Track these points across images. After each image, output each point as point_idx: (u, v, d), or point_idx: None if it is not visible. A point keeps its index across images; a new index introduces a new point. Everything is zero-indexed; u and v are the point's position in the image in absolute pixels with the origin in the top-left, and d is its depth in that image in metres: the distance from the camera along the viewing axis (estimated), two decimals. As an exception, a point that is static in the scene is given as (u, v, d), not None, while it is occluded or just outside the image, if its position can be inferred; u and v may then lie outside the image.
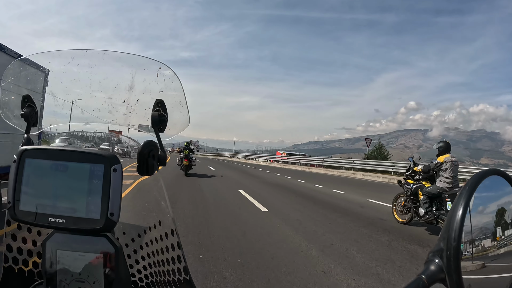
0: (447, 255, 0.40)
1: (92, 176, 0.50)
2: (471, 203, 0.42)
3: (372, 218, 5.63)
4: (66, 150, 0.51)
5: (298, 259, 3.24)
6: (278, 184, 11.28)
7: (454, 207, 0.42)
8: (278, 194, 8.30)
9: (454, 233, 0.40)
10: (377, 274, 2.98)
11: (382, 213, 6.09)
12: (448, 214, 0.42)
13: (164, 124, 0.59)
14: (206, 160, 31.38)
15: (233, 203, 6.54)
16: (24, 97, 0.63)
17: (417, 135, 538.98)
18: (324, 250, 3.61)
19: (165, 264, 0.61)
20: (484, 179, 0.44)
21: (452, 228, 0.40)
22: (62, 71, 0.65)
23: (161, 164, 0.58)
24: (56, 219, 0.49)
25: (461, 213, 0.41)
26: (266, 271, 2.83)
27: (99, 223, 0.49)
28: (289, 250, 3.55)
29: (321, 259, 3.28)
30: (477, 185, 0.43)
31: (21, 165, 0.51)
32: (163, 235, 0.62)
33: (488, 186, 0.45)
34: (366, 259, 3.37)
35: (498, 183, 0.46)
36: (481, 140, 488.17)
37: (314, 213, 5.85)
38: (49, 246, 0.52)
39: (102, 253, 0.51)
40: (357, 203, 7.35)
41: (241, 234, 4.08)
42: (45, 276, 0.52)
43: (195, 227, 4.19)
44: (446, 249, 0.40)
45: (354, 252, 3.61)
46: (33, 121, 0.63)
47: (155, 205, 0.62)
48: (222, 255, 3.16)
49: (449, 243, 0.40)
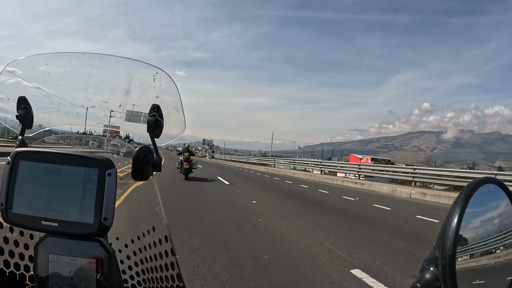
0: (442, 264, 0.40)
1: (86, 180, 0.49)
2: (466, 211, 0.42)
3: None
4: (61, 153, 0.50)
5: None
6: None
7: (449, 216, 0.42)
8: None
9: (449, 242, 0.40)
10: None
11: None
12: (443, 222, 0.42)
13: (160, 129, 0.59)
14: (226, 172, 18.37)
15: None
16: (20, 98, 0.63)
17: (430, 137, 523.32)
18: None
19: (158, 271, 0.61)
20: (479, 187, 0.44)
21: (447, 236, 0.40)
22: (58, 74, 0.65)
23: (156, 170, 0.57)
24: (49, 222, 0.49)
25: (456, 221, 0.41)
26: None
27: (92, 227, 0.49)
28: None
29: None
30: (472, 194, 0.43)
31: (14, 167, 0.50)
32: (156, 241, 0.61)
33: (483, 195, 0.45)
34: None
35: (493, 191, 0.46)
36: (496, 143, 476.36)
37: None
38: (41, 249, 0.51)
39: (95, 258, 0.50)
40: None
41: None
42: (37, 280, 0.51)
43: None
44: (441, 258, 0.40)
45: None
46: (28, 123, 0.63)
47: (149, 210, 0.61)
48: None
49: (444, 251, 0.40)
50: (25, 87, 0.69)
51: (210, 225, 4.61)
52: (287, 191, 10.55)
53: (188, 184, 9.93)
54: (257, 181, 14.48)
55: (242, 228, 4.63)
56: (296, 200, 8.30)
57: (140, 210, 0.68)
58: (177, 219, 4.74)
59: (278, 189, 11.19)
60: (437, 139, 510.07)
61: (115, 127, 0.77)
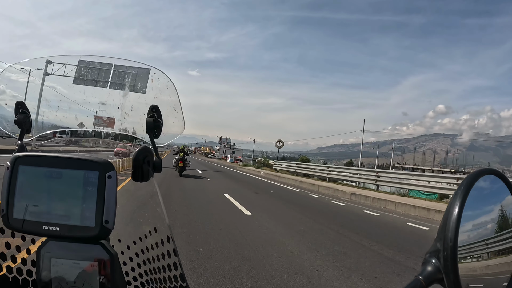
0: (444, 256, 0.40)
1: (87, 183, 0.49)
2: (466, 202, 0.42)
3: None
4: (60, 157, 0.50)
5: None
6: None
7: (450, 207, 0.41)
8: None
9: (450, 233, 0.40)
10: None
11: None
12: (444, 214, 0.42)
13: (159, 130, 0.59)
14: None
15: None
16: (18, 103, 0.63)
17: (445, 140, 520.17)
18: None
19: (161, 271, 0.61)
20: (479, 178, 0.44)
21: (448, 228, 0.40)
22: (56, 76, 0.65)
23: (156, 171, 0.57)
24: (50, 227, 0.49)
25: (456, 212, 0.41)
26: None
27: (94, 230, 0.48)
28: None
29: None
30: (472, 185, 0.43)
31: (14, 172, 0.50)
32: (159, 242, 0.61)
33: (483, 186, 0.45)
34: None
35: (493, 182, 0.46)
36: (511, 146, 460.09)
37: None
38: (44, 254, 0.51)
39: (97, 261, 0.50)
40: None
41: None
42: (40, 285, 0.51)
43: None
44: (443, 250, 0.40)
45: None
46: (27, 127, 0.63)
47: (151, 211, 0.61)
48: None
49: (446, 243, 0.40)
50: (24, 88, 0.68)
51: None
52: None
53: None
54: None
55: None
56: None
57: (142, 212, 0.68)
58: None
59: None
60: (451, 142, 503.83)
61: (110, 118, 0.74)
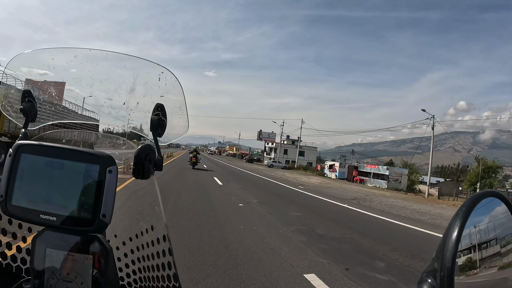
0: (441, 276, 0.40)
1: (87, 176, 0.49)
2: (467, 224, 0.42)
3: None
4: (63, 148, 0.50)
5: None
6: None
7: (450, 228, 0.41)
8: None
9: (448, 254, 0.40)
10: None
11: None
12: (443, 234, 0.42)
13: (163, 128, 0.59)
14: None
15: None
16: (24, 91, 0.63)
17: (466, 138, 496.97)
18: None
19: (155, 270, 0.60)
20: (481, 200, 0.44)
21: (447, 248, 0.40)
22: (64, 69, 0.65)
23: (157, 169, 0.57)
24: (47, 216, 0.49)
25: (456, 233, 0.41)
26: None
27: (91, 223, 0.48)
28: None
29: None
30: (473, 206, 0.43)
31: (16, 160, 0.50)
32: (154, 240, 0.61)
33: (485, 208, 0.44)
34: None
35: (494, 205, 0.46)
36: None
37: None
38: (39, 243, 0.51)
39: (92, 254, 0.50)
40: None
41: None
42: (33, 274, 0.51)
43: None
44: (440, 270, 0.40)
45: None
46: (32, 116, 0.63)
47: (149, 209, 0.61)
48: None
49: (443, 263, 0.40)
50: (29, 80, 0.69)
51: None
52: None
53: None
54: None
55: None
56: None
57: (140, 209, 0.68)
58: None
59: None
60: (473, 140, 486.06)
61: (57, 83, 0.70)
